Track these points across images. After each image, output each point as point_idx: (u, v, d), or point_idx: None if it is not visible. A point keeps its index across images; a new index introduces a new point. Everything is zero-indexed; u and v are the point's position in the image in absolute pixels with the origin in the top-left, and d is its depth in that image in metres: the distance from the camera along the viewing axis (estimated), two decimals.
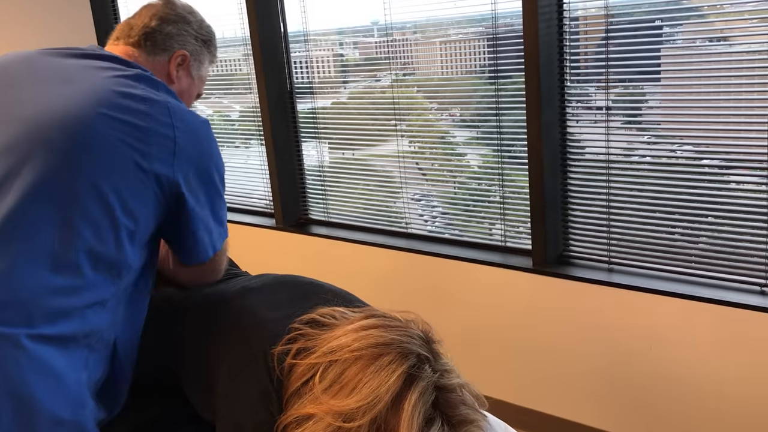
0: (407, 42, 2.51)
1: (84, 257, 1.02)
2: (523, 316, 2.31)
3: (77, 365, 1.03)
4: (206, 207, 1.20)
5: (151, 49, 1.31)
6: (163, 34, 1.32)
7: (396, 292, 2.64)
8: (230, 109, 3.21)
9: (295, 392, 1.04)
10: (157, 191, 1.10)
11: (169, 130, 1.11)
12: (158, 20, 1.32)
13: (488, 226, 2.47)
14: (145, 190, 1.08)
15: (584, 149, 2.16)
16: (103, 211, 1.03)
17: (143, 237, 1.11)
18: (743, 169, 1.90)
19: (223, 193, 1.24)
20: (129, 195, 1.06)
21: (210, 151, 1.19)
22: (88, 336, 1.05)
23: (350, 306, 1.20)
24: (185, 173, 1.13)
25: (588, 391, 2.23)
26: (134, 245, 1.09)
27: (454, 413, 0.99)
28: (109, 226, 1.04)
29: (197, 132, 1.16)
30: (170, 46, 1.33)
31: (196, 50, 1.38)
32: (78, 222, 1.01)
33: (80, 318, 1.03)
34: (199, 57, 1.39)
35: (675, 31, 1.93)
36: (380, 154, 2.68)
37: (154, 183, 1.09)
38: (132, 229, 1.08)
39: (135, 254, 1.10)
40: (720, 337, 1.93)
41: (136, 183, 1.07)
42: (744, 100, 1.84)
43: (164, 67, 1.33)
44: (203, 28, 1.40)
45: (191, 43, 1.36)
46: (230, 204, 3.29)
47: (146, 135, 1.08)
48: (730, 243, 1.93)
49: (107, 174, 1.04)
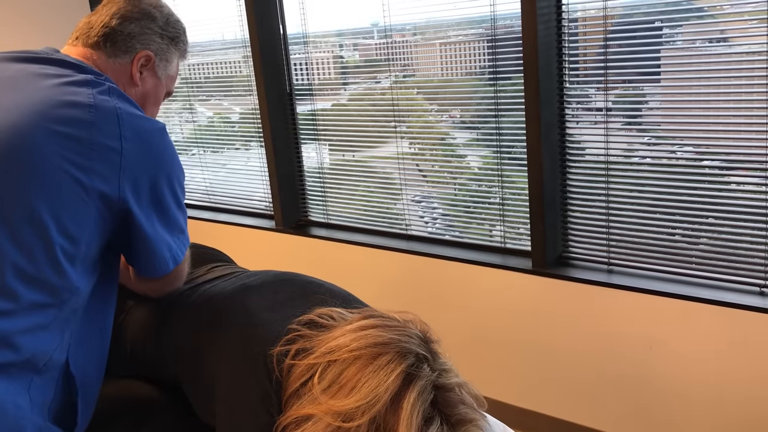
0: (407, 44, 2.51)
1: (16, 282, 0.96)
2: (522, 317, 2.31)
3: (17, 390, 0.99)
4: (162, 220, 1.13)
5: (111, 50, 1.21)
6: (125, 35, 1.22)
7: (396, 293, 2.63)
8: (230, 111, 3.22)
9: (294, 393, 1.03)
10: (102, 208, 1.04)
11: (116, 141, 1.04)
12: (119, 19, 1.22)
13: (488, 227, 2.47)
14: (85, 209, 1.02)
15: (583, 150, 2.16)
16: (36, 233, 0.97)
17: (87, 257, 1.05)
18: (743, 170, 1.90)
19: (182, 201, 1.17)
20: (67, 215, 1.00)
21: (164, 159, 1.12)
22: (30, 360, 1.00)
23: (349, 306, 1.20)
24: (135, 187, 1.07)
25: (587, 392, 2.23)
26: (76, 267, 1.03)
27: (453, 412, 0.99)
28: (42, 249, 0.98)
29: (149, 140, 1.09)
30: (132, 47, 1.23)
31: (161, 49, 1.27)
32: (5, 245, 0.96)
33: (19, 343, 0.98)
34: (165, 56, 1.29)
35: (674, 32, 1.93)
36: (380, 155, 2.68)
37: (97, 200, 1.02)
38: (71, 251, 1.01)
39: (79, 275, 1.04)
40: (719, 338, 1.93)
41: (76, 202, 1.00)
42: (744, 101, 1.84)
43: (126, 69, 1.24)
44: (170, 24, 1.29)
45: (156, 42, 1.26)
46: (230, 206, 3.29)
47: (88, 149, 1.01)
48: (729, 244, 1.93)
49: (43, 193, 0.98)
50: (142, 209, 1.09)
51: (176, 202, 1.15)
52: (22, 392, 1.00)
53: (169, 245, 1.15)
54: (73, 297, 1.04)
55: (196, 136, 3.38)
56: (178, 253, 1.18)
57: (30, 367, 1.01)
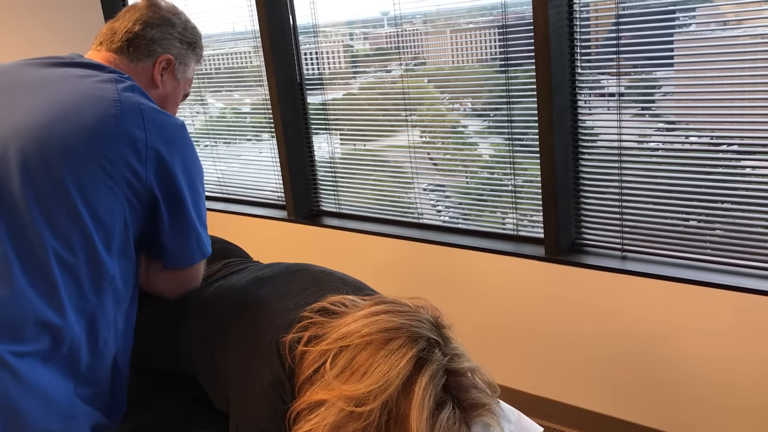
0: (417, 32, 2.50)
1: (57, 270, 1.01)
2: (535, 304, 2.31)
3: (65, 375, 1.04)
4: (189, 210, 1.17)
5: (134, 55, 1.28)
6: (147, 39, 1.29)
7: (408, 282, 2.64)
8: (242, 103, 3.22)
9: (307, 379, 1.04)
10: (131, 197, 1.09)
11: (141, 132, 1.09)
12: (142, 24, 1.29)
13: (500, 215, 2.46)
14: (115, 198, 1.07)
15: (596, 136, 2.15)
16: (72, 223, 1.03)
17: (121, 246, 1.10)
18: (759, 154, 1.88)
19: (203, 196, 1.22)
20: (98, 203, 1.05)
21: (186, 153, 1.17)
22: (78, 350, 1.05)
23: (360, 294, 1.21)
24: (161, 176, 1.11)
25: (602, 380, 2.22)
26: (111, 254, 1.08)
27: (465, 397, 0.99)
28: (80, 237, 1.03)
29: (171, 134, 1.14)
30: (154, 51, 1.30)
31: (181, 53, 1.35)
32: (46, 236, 1.01)
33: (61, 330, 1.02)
34: (184, 60, 1.36)
35: (687, 15, 1.90)
36: (391, 145, 2.68)
37: (126, 189, 1.08)
38: (105, 239, 1.07)
39: (113, 263, 1.09)
40: (736, 324, 1.92)
41: (105, 191, 1.06)
42: (759, 83, 1.82)
43: (148, 72, 1.31)
44: (188, 30, 1.37)
45: (176, 46, 1.33)
46: (242, 197, 3.31)
47: (115, 140, 1.06)
48: (744, 229, 1.92)
49: (75, 183, 1.03)
50: (169, 198, 1.14)
51: (199, 194, 1.20)
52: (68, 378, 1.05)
53: (197, 235, 1.20)
54: (109, 285, 1.09)
55: (207, 128, 3.39)
56: (206, 244, 1.23)
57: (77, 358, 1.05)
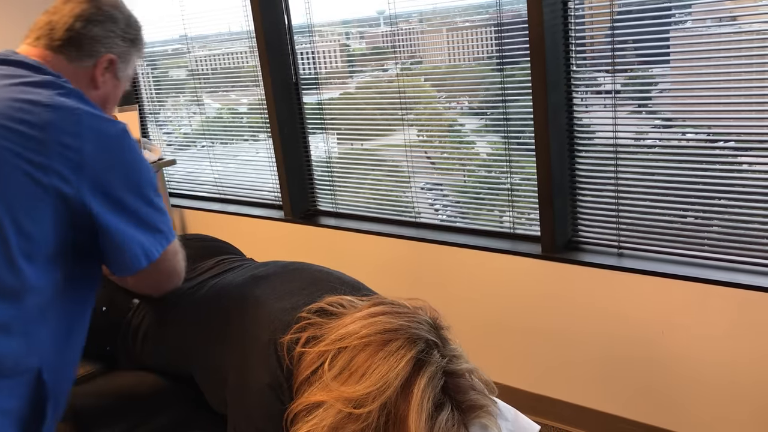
0: (413, 31, 2.50)
1: None
2: (532, 302, 2.31)
3: None
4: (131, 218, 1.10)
5: (75, 55, 1.20)
6: (89, 38, 1.20)
7: (406, 281, 2.64)
8: (238, 103, 3.22)
9: (305, 380, 1.04)
10: (60, 207, 1.02)
11: (75, 140, 1.03)
12: (83, 21, 1.20)
13: (497, 213, 2.46)
14: (43, 207, 1.01)
15: (592, 134, 2.15)
16: None
17: (45, 254, 1.04)
18: (755, 150, 1.89)
19: (154, 199, 1.14)
20: (23, 213, 0.99)
21: (126, 159, 1.10)
22: None
23: (358, 294, 1.20)
24: (96, 186, 1.05)
25: (599, 377, 2.23)
26: (33, 265, 1.02)
27: (463, 398, 0.99)
28: None
29: (110, 141, 1.07)
30: (96, 51, 1.21)
31: (123, 51, 1.26)
32: None
33: None
34: (126, 58, 1.28)
35: (683, 12, 1.90)
36: (388, 144, 2.68)
37: (55, 198, 1.01)
38: (27, 249, 1.00)
39: (37, 274, 1.02)
40: (733, 321, 1.92)
41: (33, 200, 0.99)
42: (755, 80, 1.82)
43: (88, 72, 1.22)
44: (131, 26, 1.28)
45: (118, 45, 1.25)
46: (239, 197, 3.30)
47: (45, 147, 1.00)
48: (741, 225, 1.92)
49: None
50: (106, 208, 1.07)
51: (145, 200, 1.13)
52: None
53: (141, 243, 1.12)
54: (32, 297, 1.03)
55: (204, 129, 3.39)
56: (152, 250, 1.14)
57: None
